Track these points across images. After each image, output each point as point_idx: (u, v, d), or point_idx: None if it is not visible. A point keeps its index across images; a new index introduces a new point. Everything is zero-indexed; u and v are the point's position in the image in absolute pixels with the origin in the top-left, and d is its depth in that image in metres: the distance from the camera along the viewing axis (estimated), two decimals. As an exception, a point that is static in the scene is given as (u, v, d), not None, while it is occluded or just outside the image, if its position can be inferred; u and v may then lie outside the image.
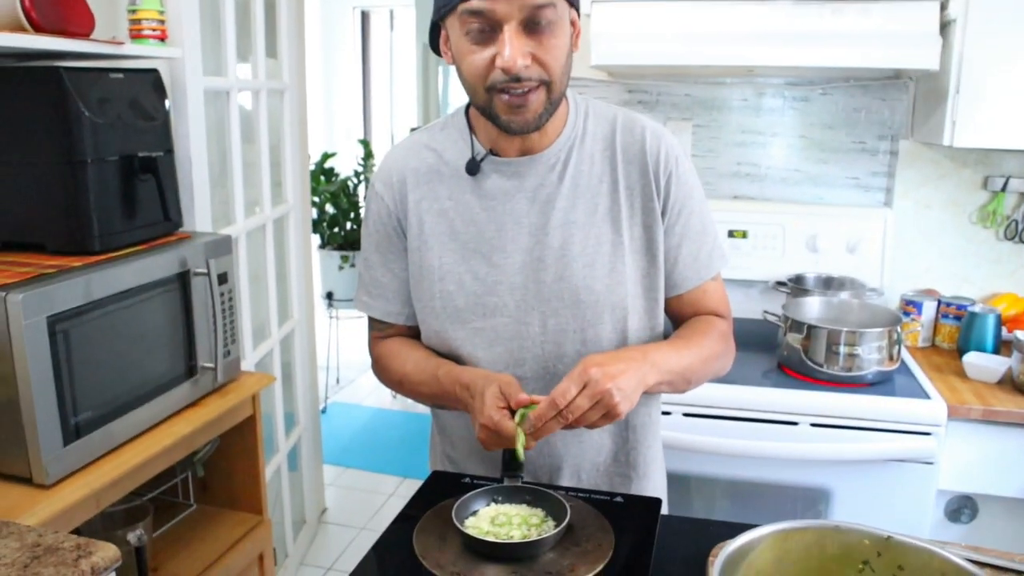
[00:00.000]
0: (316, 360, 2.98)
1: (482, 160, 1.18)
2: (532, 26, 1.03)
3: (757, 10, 1.88)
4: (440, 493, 1.09)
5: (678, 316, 1.26)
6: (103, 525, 1.62)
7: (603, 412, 1.00)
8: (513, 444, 1.00)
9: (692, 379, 1.17)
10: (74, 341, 1.34)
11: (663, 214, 1.18)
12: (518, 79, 1.04)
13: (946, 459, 1.80)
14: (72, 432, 1.34)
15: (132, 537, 1.62)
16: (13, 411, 1.27)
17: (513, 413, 1.02)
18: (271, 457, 2.49)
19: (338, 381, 4.45)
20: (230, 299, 1.73)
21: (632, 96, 2.42)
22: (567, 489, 1.12)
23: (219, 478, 1.88)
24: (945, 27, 1.89)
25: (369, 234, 1.26)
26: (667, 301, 1.23)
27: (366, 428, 4.01)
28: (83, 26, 1.52)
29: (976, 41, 1.86)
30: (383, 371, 1.28)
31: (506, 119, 1.09)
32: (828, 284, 2.23)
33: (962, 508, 1.88)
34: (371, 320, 1.30)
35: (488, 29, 1.03)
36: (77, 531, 1.45)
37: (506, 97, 1.06)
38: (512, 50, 1.02)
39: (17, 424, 1.27)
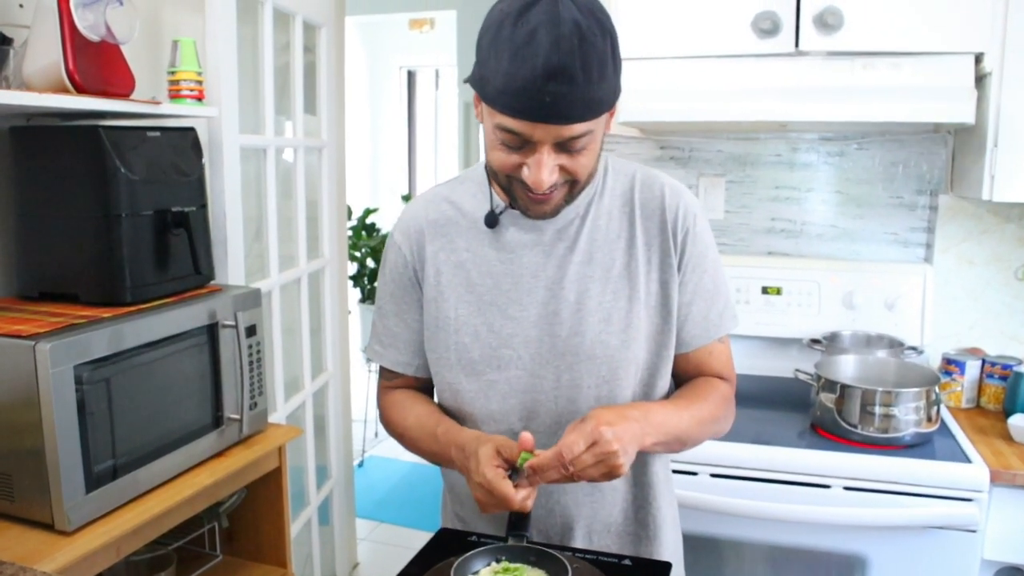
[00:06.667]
0: (351, 413, 2.99)
1: (501, 213, 1.19)
2: (566, 145, 1.04)
3: (788, 65, 1.88)
4: (445, 551, 1.07)
5: (682, 375, 1.24)
6: (127, 573, 1.63)
7: (605, 471, 0.99)
8: (508, 504, 0.99)
9: (687, 441, 1.15)
10: (101, 390, 1.37)
11: (678, 270, 1.17)
12: None
13: (991, 527, 1.71)
14: (95, 480, 1.35)
15: (153, 587, 1.63)
16: (37, 457, 1.29)
17: (511, 471, 1.01)
18: (301, 510, 2.48)
19: (376, 435, 4.45)
20: (258, 351, 1.75)
21: (664, 152, 2.43)
22: (575, 550, 1.09)
23: (245, 530, 1.88)
24: (981, 80, 1.86)
25: (385, 283, 1.27)
26: (674, 359, 1.21)
27: (403, 482, 3.99)
28: (123, 87, 1.59)
29: (1014, 94, 1.82)
30: (387, 422, 1.28)
31: (524, 205, 1.11)
32: (865, 342, 2.17)
33: (1011, 580, 1.78)
34: (381, 369, 1.31)
35: (521, 140, 1.04)
36: (100, 579, 1.47)
37: (527, 193, 1.08)
38: (545, 173, 1.03)
39: (41, 470, 1.29)
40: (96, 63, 1.51)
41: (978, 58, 1.81)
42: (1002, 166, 1.85)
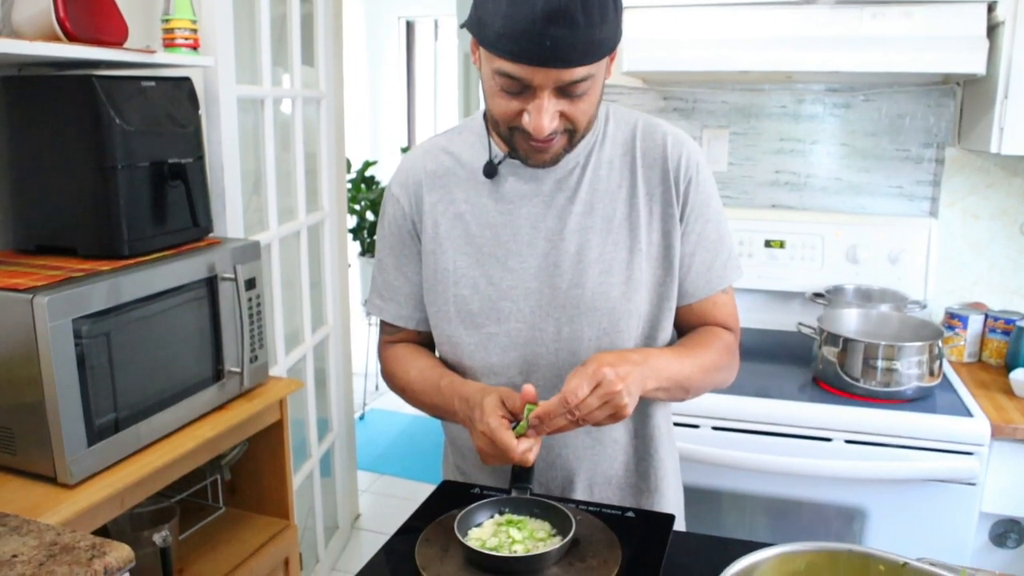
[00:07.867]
0: (351, 366, 2.99)
1: (500, 163, 1.17)
2: (566, 90, 1.01)
3: (795, 14, 1.84)
4: (448, 503, 1.08)
5: (686, 326, 1.23)
6: (131, 525, 1.64)
7: (610, 412, 0.98)
8: (508, 455, 0.98)
9: (690, 389, 1.14)
10: (100, 343, 1.36)
11: (681, 220, 1.15)
12: None
13: (991, 480, 1.72)
14: (97, 433, 1.35)
15: (157, 538, 1.64)
16: (38, 411, 1.29)
17: (515, 423, 1.00)
18: (303, 463, 2.50)
19: (377, 388, 4.47)
20: (258, 304, 1.74)
21: (668, 103, 2.39)
22: (578, 502, 1.09)
23: (248, 482, 1.89)
24: (993, 30, 1.82)
25: (384, 237, 1.26)
26: (677, 310, 1.20)
27: (404, 435, 4.02)
28: (116, 35, 1.54)
29: (1026, 44, 1.79)
30: (389, 376, 1.28)
31: (524, 154, 1.10)
32: (868, 296, 2.16)
33: (1008, 532, 1.79)
34: (382, 324, 1.30)
35: (521, 85, 1.01)
36: (105, 531, 1.47)
37: (528, 141, 1.06)
38: (546, 119, 1.01)
39: (42, 424, 1.29)
40: (88, 10, 1.47)
41: (991, 7, 1.78)
42: (1012, 118, 1.82)
